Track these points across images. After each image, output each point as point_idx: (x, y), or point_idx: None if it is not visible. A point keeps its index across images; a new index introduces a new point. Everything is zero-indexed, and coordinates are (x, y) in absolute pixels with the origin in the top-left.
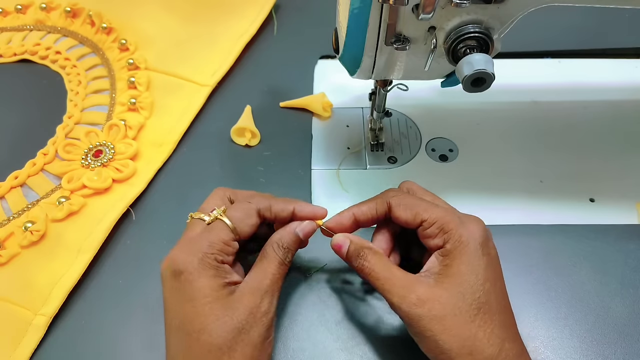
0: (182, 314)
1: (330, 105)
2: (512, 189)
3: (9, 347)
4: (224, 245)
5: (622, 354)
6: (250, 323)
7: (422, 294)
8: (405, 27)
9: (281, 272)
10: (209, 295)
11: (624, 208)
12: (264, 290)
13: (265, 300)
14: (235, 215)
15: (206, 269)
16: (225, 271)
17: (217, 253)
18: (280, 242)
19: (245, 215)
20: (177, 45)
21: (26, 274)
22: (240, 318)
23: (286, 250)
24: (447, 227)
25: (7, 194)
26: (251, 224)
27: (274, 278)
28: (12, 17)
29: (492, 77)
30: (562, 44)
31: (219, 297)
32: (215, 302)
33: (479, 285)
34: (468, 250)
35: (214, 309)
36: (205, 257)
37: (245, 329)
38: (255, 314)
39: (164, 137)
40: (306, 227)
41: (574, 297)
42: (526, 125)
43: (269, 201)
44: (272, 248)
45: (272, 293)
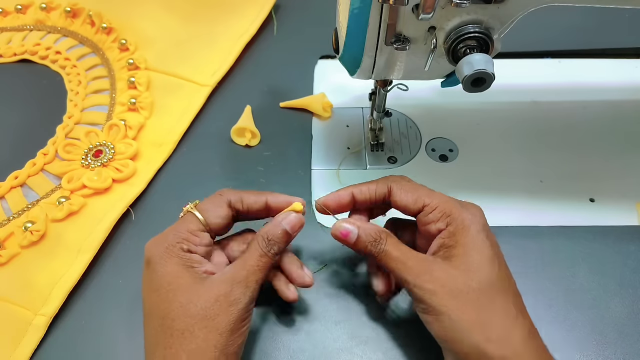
0: (149, 300)
1: (330, 105)
2: (512, 189)
3: (9, 347)
4: (190, 234)
5: (622, 354)
6: (216, 311)
7: (436, 271)
8: (405, 27)
9: (261, 263)
10: (172, 282)
11: (624, 208)
12: (237, 280)
13: (237, 290)
14: (204, 207)
15: (170, 257)
16: (193, 260)
17: (182, 242)
18: (266, 234)
19: (214, 206)
20: (177, 45)
21: (26, 274)
22: (205, 305)
23: (270, 242)
24: (450, 211)
25: (7, 194)
26: (220, 215)
27: (251, 269)
28: (12, 17)
29: (492, 77)
30: (562, 44)
31: (182, 284)
32: (178, 288)
33: (486, 263)
34: (471, 232)
35: (177, 295)
36: (170, 247)
37: (209, 316)
38: (222, 303)
39: (164, 137)
40: (292, 220)
41: (574, 298)
42: (526, 125)
43: (240, 193)
44: (256, 240)
45: (247, 284)
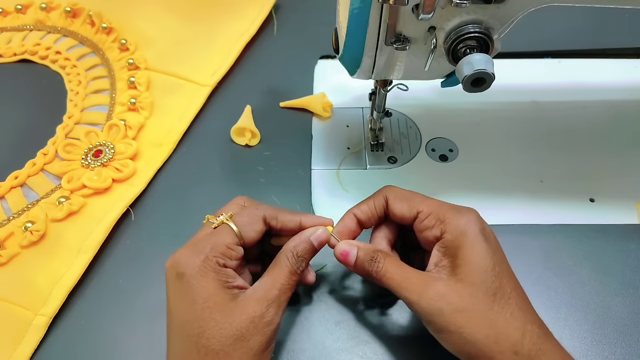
0: (182, 315)
1: (330, 105)
2: (512, 189)
3: (9, 347)
4: (227, 249)
5: (622, 354)
6: (251, 332)
7: (440, 288)
8: (405, 27)
9: (291, 281)
10: (208, 299)
11: (624, 208)
12: (270, 300)
13: (271, 310)
14: (241, 220)
15: (207, 272)
16: (228, 275)
17: (219, 256)
18: (295, 250)
19: (251, 220)
20: (177, 45)
21: (26, 274)
22: (241, 326)
23: (300, 258)
24: (444, 216)
25: (7, 194)
26: (256, 229)
27: (282, 288)
28: (12, 17)
29: (492, 77)
30: (562, 44)
31: (219, 302)
32: (215, 306)
33: (489, 270)
34: (469, 237)
35: (214, 313)
36: (207, 260)
37: (245, 337)
38: (258, 324)
39: (163, 137)
40: (321, 236)
41: (574, 297)
42: (526, 125)
43: (276, 211)
44: (285, 256)
45: (279, 304)
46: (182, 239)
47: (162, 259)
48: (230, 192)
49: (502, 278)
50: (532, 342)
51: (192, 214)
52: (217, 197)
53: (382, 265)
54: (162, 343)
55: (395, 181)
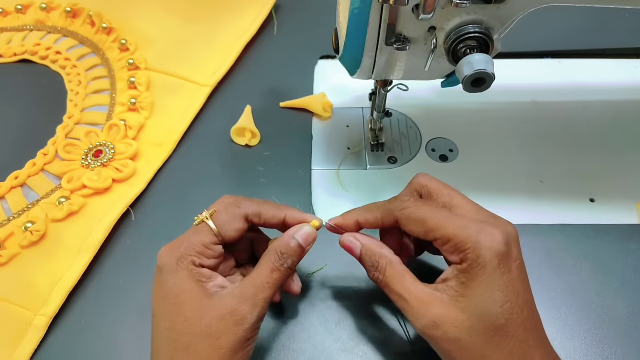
0: (158, 308)
1: (330, 105)
2: (512, 189)
3: (9, 347)
4: (204, 248)
5: (622, 354)
6: (221, 329)
7: (437, 314)
8: (405, 27)
9: (272, 279)
10: (180, 295)
11: (624, 208)
12: (244, 298)
13: (244, 308)
14: (220, 218)
15: (181, 270)
16: (202, 274)
17: (194, 255)
18: (278, 248)
19: (230, 218)
20: (177, 45)
21: (26, 274)
22: (210, 323)
23: (283, 256)
24: (463, 246)
25: (7, 194)
26: (236, 228)
27: (261, 286)
28: (12, 17)
29: (492, 77)
30: (562, 44)
31: (191, 298)
32: (185, 302)
33: (497, 307)
34: (486, 271)
35: (184, 309)
36: (181, 258)
37: (214, 334)
38: (228, 321)
39: (163, 137)
40: (304, 233)
41: (574, 297)
42: (526, 125)
43: (258, 206)
44: (268, 254)
45: (255, 302)
46: None
47: None
48: (230, 192)
49: (511, 314)
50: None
51: (192, 214)
52: (217, 197)
53: (382, 275)
54: None
55: (395, 181)
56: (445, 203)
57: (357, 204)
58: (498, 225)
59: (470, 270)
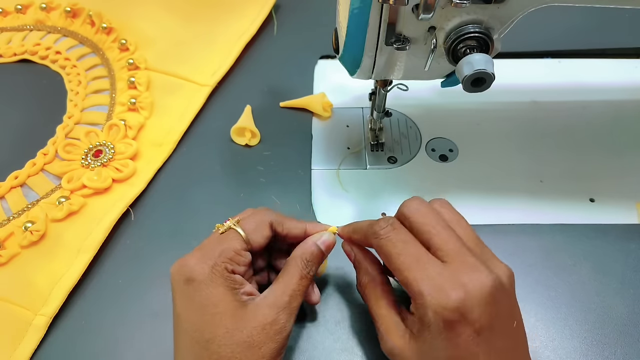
0: (192, 321)
1: (330, 105)
2: (512, 189)
3: (9, 347)
4: (235, 254)
5: (622, 354)
6: (263, 339)
7: (396, 345)
8: (405, 27)
9: (302, 286)
10: (218, 304)
11: (624, 208)
12: (281, 306)
13: (282, 317)
14: (248, 225)
15: (216, 278)
16: (236, 281)
17: (227, 262)
18: (303, 255)
19: (258, 225)
20: (177, 45)
21: (26, 274)
22: (252, 333)
23: (309, 263)
24: (415, 299)
25: (7, 194)
26: (263, 234)
27: (293, 294)
28: (12, 17)
29: (492, 77)
30: (562, 44)
31: (229, 308)
32: (225, 312)
33: None
34: (430, 332)
35: (224, 319)
36: (215, 266)
37: (256, 344)
38: (269, 331)
39: (163, 137)
40: (327, 240)
41: (574, 297)
42: (526, 125)
43: (282, 217)
44: (294, 262)
45: (291, 310)
46: (182, 239)
47: (162, 259)
48: (230, 192)
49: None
50: None
51: (192, 214)
52: (217, 197)
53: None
54: (162, 343)
55: (395, 181)
56: (423, 241)
57: (357, 204)
58: (463, 284)
59: (419, 323)
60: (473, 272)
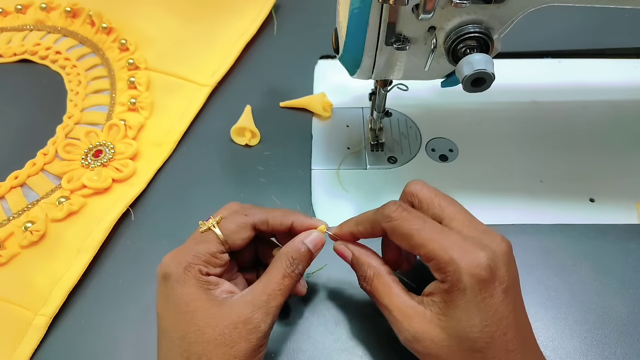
0: (168, 319)
1: (330, 105)
2: (512, 189)
3: (9, 347)
4: (210, 257)
5: (622, 354)
6: (235, 338)
7: (418, 330)
8: (405, 27)
9: (283, 286)
10: (190, 303)
11: (624, 208)
12: (257, 305)
13: (257, 316)
14: (228, 227)
15: (189, 279)
16: (210, 282)
17: (201, 264)
18: (289, 254)
19: (238, 228)
20: (177, 45)
21: (26, 274)
22: (224, 332)
23: (295, 261)
24: (445, 267)
25: (7, 194)
26: (243, 237)
27: (273, 293)
28: (12, 17)
29: (492, 77)
30: (562, 44)
31: (201, 307)
32: (197, 311)
33: (476, 331)
34: (465, 296)
35: (195, 318)
36: (189, 268)
37: (227, 342)
38: (242, 330)
39: (163, 137)
40: (314, 239)
41: (574, 297)
42: (526, 125)
43: (266, 214)
44: (280, 260)
45: (268, 310)
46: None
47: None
48: (230, 192)
49: (491, 338)
50: None
51: (192, 214)
52: (217, 197)
53: (369, 286)
54: None
55: (396, 181)
56: (435, 215)
57: (357, 204)
58: (486, 245)
59: (451, 292)
60: (490, 236)
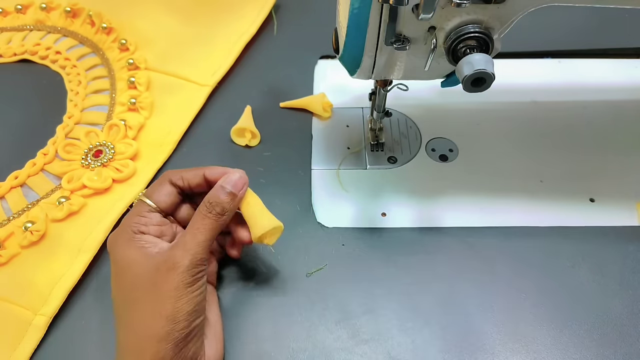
0: (114, 288)
1: (330, 105)
2: (512, 189)
3: (9, 347)
4: (139, 217)
5: (622, 354)
6: (158, 278)
7: None
8: (405, 27)
9: (204, 225)
10: (131, 263)
11: (624, 208)
12: (178, 246)
13: (176, 254)
14: (149, 190)
15: (126, 242)
16: (145, 240)
17: (132, 225)
18: (207, 198)
19: (157, 186)
20: (177, 45)
21: (26, 274)
22: (149, 275)
23: (212, 204)
24: None
25: (7, 194)
26: (164, 192)
27: (192, 232)
28: (12, 17)
29: (492, 77)
30: (562, 44)
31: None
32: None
33: None
34: None
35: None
36: (123, 233)
37: (154, 283)
38: (161, 269)
39: (164, 137)
40: (232, 179)
41: (574, 298)
42: (526, 125)
43: (181, 171)
44: (200, 206)
45: (186, 247)
46: None
47: None
48: None
49: None
50: None
51: None
52: None
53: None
54: None
55: (395, 181)
56: None
57: (357, 204)
58: None
59: None
60: None
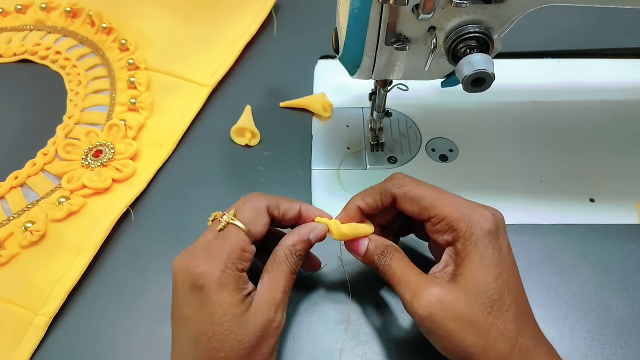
0: (200, 326)
1: (330, 105)
2: (512, 189)
3: (9, 347)
4: (242, 251)
5: (622, 354)
6: (264, 338)
7: (435, 293)
8: (405, 27)
9: (292, 281)
10: (228, 312)
11: (624, 208)
12: (277, 304)
13: (278, 314)
14: (246, 217)
15: (228, 283)
16: (244, 281)
17: (237, 262)
18: (293, 248)
19: (256, 214)
20: (177, 45)
21: (26, 274)
22: (256, 334)
23: (298, 257)
24: (456, 224)
25: (7, 194)
26: (262, 223)
27: (285, 289)
28: (12, 17)
29: (492, 77)
30: (562, 44)
31: (237, 314)
32: (233, 319)
33: (492, 282)
34: (479, 249)
35: (232, 326)
36: (226, 269)
37: (258, 344)
38: (268, 329)
39: (163, 137)
40: (320, 232)
41: (574, 297)
42: (526, 125)
43: (276, 200)
44: (284, 254)
45: (284, 306)
46: (182, 239)
47: (162, 259)
48: (230, 192)
49: (504, 289)
50: (520, 355)
51: (192, 214)
52: (217, 197)
53: (389, 260)
54: (162, 343)
55: None
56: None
57: None
58: (486, 213)
59: (464, 249)
60: (485, 206)
